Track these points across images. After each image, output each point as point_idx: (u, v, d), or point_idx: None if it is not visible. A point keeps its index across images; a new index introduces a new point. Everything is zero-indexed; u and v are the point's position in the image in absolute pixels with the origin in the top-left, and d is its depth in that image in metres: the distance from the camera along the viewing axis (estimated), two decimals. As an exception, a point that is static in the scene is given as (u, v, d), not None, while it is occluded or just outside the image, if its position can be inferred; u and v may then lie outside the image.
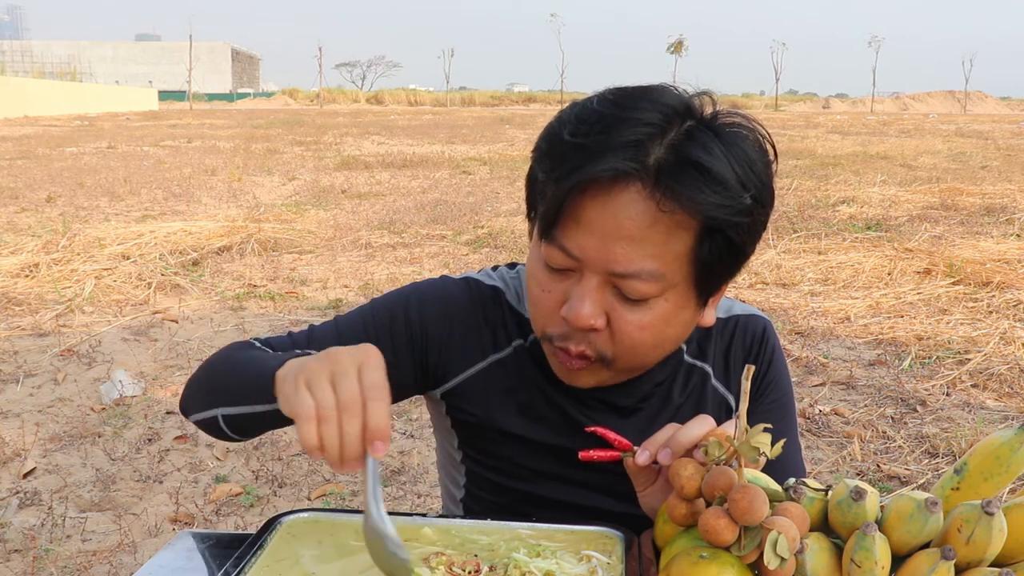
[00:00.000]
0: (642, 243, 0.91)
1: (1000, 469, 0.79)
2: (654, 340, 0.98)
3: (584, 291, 0.94)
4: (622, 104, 0.92)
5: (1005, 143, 19.89)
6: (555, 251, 0.94)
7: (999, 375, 4.13)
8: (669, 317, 0.97)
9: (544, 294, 0.98)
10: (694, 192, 0.88)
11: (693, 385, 1.15)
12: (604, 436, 0.97)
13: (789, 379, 1.23)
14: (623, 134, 0.89)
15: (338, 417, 0.79)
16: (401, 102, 77.46)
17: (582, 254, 0.92)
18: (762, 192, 0.93)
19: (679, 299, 0.96)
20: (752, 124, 0.95)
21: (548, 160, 0.95)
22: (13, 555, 2.60)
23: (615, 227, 0.90)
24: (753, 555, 0.77)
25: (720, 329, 1.17)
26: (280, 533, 0.92)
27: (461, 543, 0.91)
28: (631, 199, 0.90)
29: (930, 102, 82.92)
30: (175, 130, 23.72)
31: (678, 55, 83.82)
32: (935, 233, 7.58)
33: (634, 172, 0.89)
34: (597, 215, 0.91)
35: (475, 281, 1.17)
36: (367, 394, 0.80)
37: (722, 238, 0.92)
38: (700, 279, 0.96)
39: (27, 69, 63.88)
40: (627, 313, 0.95)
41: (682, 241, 0.92)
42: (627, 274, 0.92)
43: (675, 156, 0.89)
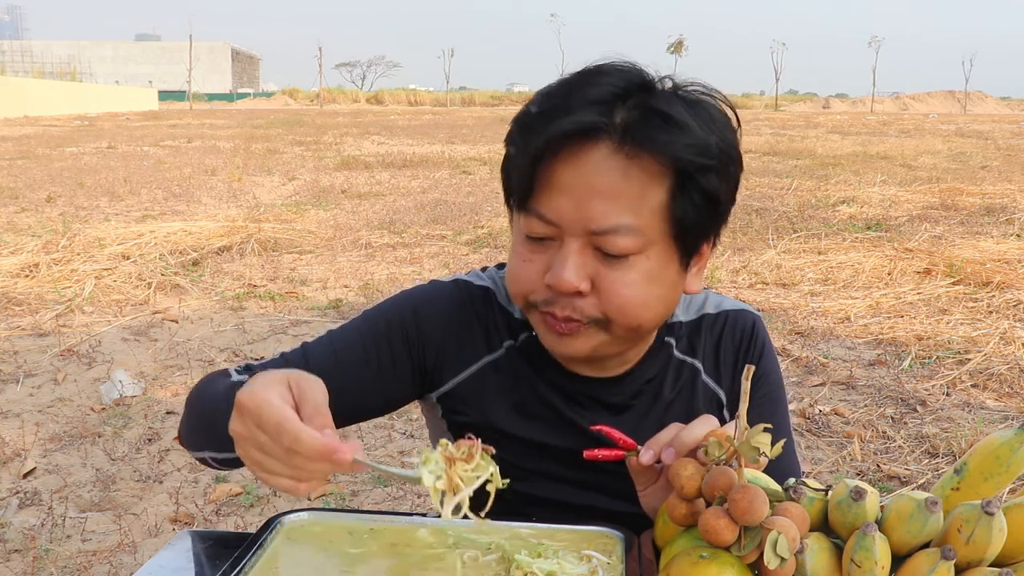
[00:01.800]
0: (617, 198, 0.92)
1: (1000, 469, 0.79)
2: (642, 298, 0.97)
3: (566, 255, 0.95)
4: (585, 74, 0.96)
5: (1005, 143, 19.90)
6: (533, 220, 0.96)
7: (999, 375, 4.13)
8: (653, 274, 0.97)
9: (526, 264, 0.99)
10: (659, 135, 0.91)
11: (684, 381, 1.16)
12: (608, 435, 0.97)
13: (780, 373, 1.24)
14: (589, 94, 0.93)
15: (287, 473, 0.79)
16: (401, 102, 77.45)
17: (559, 217, 0.94)
18: (727, 142, 0.96)
19: (661, 256, 0.97)
20: (713, 93, 0.98)
21: (518, 138, 0.97)
22: (13, 555, 2.60)
23: (588, 186, 0.92)
24: (753, 555, 0.77)
25: (710, 325, 1.18)
26: (280, 533, 0.92)
27: (460, 543, 0.91)
28: (601, 156, 0.92)
29: (930, 102, 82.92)
30: (175, 130, 23.72)
31: (678, 55, 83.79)
32: (935, 233, 7.58)
33: (602, 126, 0.91)
34: (570, 177, 0.93)
35: (465, 283, 1.17)
36: (285, 443, 0.77)
37: (695, 189, 0.94)
38: (679, 235, 0.97)
39: (27, 69, 63.89)
40: (611, 273, 0.95)
41: (656, 195, 0.93)
42: (605, 230, 0.93)
43: (640, 112, 0.92)
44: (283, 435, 0.77)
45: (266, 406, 0.79)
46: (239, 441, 0.81)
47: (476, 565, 0.86)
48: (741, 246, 7.16)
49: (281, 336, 4.77)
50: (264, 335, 4.78)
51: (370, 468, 0.82)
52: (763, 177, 11.94)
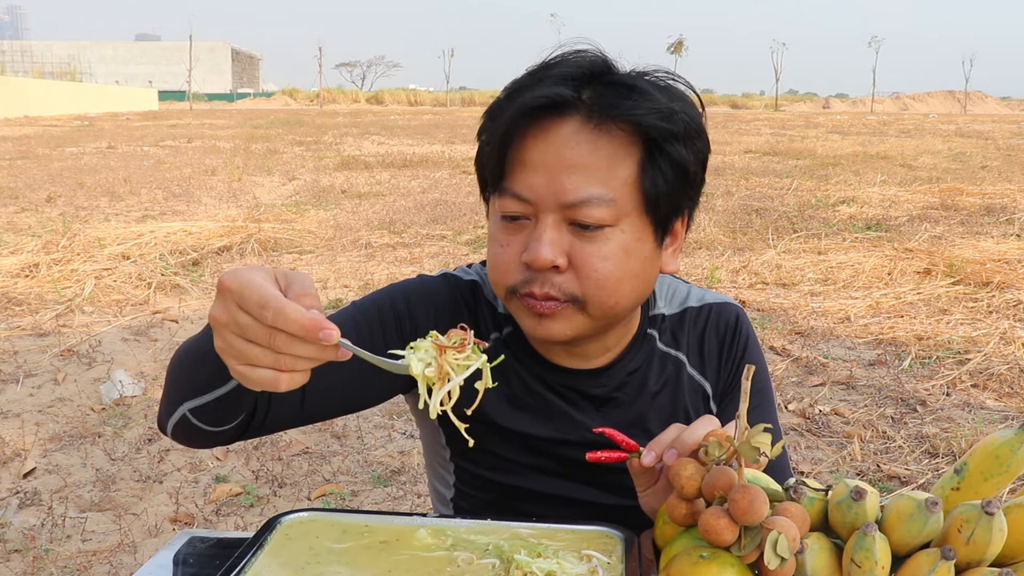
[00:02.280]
0: (588, 170, 0.95)
1: (1000, 469, 0.79)
2: (619, 272, 0.98)
3: (541, 232, 0.96)
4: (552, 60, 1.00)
5: (1005, 143, 19.89)
6: (507, 199, 0.98)
7: (999, 375, 4.13)
8: (629, 247, 0.98)
9: (504, 249, 1.00)
10: (625, 103, 0.95)
11: (668, 374, 1.16)
12: (611, 437, 0.98)
13: (765, 364, 1.24)
14: (554, 73, 0.97)
15: (267, 360, 0.75)
16: (401, 102, 77.45)
17: (532, 194, 0.96)
18: (691, 115, 0.99)
19: (635, 229, 0.99)
20: (676, 77, 1.02)
21: (490, 125, 1.00)
22: (13, 555, 2.60)
23: (559, 160, 0.95)
24: (753, 555, 0.77)
25: (693, 317, 1.19)
26: (279, 533, 0.92)
27: (459, 543, 0.91)
28: (570, 131, 0.95)
29: (930, 102, 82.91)
30: (175, 130, 23.72)
31: (678, 55, 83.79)
32: (935, 233, 7.57)
33: (570, 99, 0.95)
34: (540, 153, 0.95)
35: (453, 276, 1.18)
36: (267, 318, 0.73)
37: (664, 159, 0.97)
38: (651, 207, 0.99)
39: (27, 69, 63.90)
40: (587, 246, 0.97)
41: (626, 167, 0.96)
42: (578, 201, 0.95)
43: (604, 87, 0.96)
44: (266, 310, 0.72)
45: (249, 284, 0.74)
46: (218, 329, 0.76)
47: (476, 565, 0.86)
48: (741, 246, 7.16)
49: (281, 336, 4.76)
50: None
51: (355, 353, 0.76)
52: (763, 177, 11.94)
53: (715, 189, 10.66)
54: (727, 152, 16.61)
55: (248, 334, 0.75)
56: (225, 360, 0.78)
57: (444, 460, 1.21)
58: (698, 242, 7.28)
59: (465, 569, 0.85)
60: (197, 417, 0.96)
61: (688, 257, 6.76)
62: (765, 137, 21.64)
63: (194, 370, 0.94)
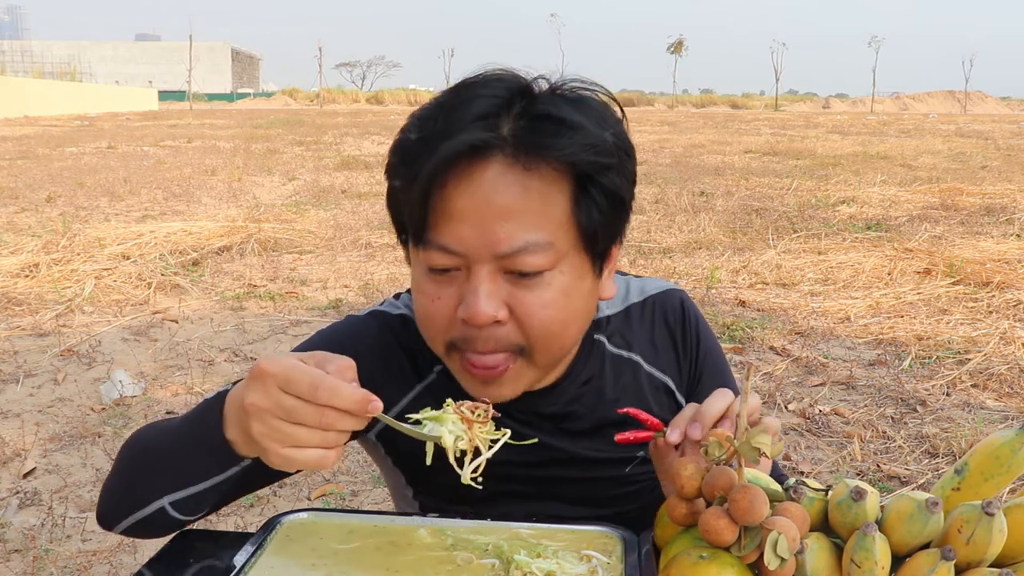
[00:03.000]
0: (520, 215, 0.88)
1: (1000, 469, 0.79)
2: (562, 317, 0.94)
3: (476, 285, 0.90)
4: (461, 90, 0.92)
5: (1005, 143, 19.89)
6: (434, 253, 0.90)
7: (999, 375, 4.13)
8: (569, 289, 0.93)
9: (435, 303, 0.93)
10: (554, 140, 0.87)
11: (625, 378, 1.13)
12: (636, 416, 0.97)
13: (718, 343, 1.23)
14: (471, 111, 0.88)
15: (315, 440, 0.78)
16: (401, 102, 77.44)
17: (462, 246, 0.89)
18: (621, 136, 0.93)
19: (574, 268, 0.94)
20: (594, 86, 0.96)
21: (400, 168, 0.92)
22: (13, 555, 2.60)
23: (488, 206, 0.87)
24: (753, 555, 0.77)
25: (639, 314, 1.16)
26: (280, 533, 0.92)
27: (458, 543, 0.91)
28: (496, 173, 0.87)
29: (930, 102, 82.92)
30: (175, 130, 23.72)
31: (678, 55, 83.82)
32: (935, 233, 7.57)
33: (492, 141, 0.87)
34: (467, 200, 0.87)
35: (381, 314, 1.12)
36: (321, 398, 0.77)
37: (597, 190, 0.90)
38: (588, 242, 0.93)
39: (27, 69, 63.89)
40: (527, 296, 0.91)
41: (559, 205, 0.90)
42: (515, 251, 0.88)
43: (526, 120, 0.88)
44: (320, 390, 0.76)
45: (294, 367, 0.78)
46: (258, 415, 0.78)
47: (475, 565, 0.86)
48: (741, 246, 7.16)
49: (281, 336, 4.77)
50: (264, 335, 4.78)
51: (390, 424, 0.83)
52: (763, 177, 11.94)
53: (715, 189, 10.66)
54: (727, 152, 16.62)
55: (295, 416, 0.77)
56: (265, 445, 0.79)
57: (408, 499, 1.19)
58: (698, 242, 7.28)
59: (465, 569, 0.85)
60: (178, 509, 0.93)
61: (688, 257, 6.76)
62: (765, 137, 21.65)
63: (186, 461, 0.90)
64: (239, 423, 0.84)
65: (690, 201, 9.51)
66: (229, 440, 0.86)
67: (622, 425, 1.12)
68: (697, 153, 16.39)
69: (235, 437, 0.86)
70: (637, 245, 7.07)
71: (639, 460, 1.15)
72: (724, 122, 32.14)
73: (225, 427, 0.86)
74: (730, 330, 4.79)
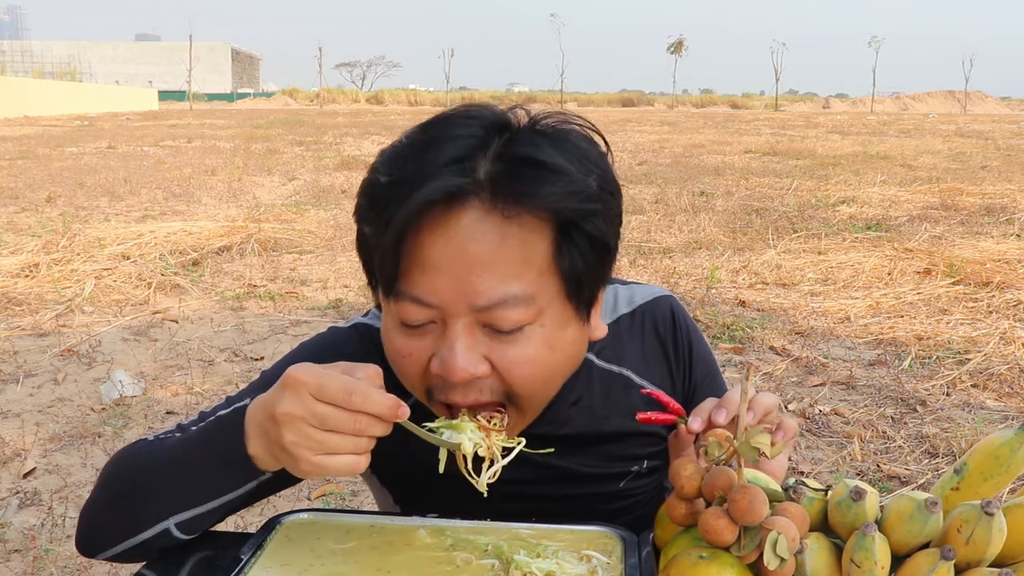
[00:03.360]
0: (499, 265, 0.82)
1: (1000, 469, 0.79)
2: (545, 372, 0.90)
3: (452, 340, 0.84)
4: (433, 129, 0.86)
5: (1005, 143, 19.89)
6: (407, 305, 0.85)
7: (999, 375, 4.13)
8: (553, 342, 0.88)
9: (408, 359, 0.88)
10: (536, 187, 0.81)
11: (615, 395, 1.09)
12: (658, 398, 0.98)
13: (709, 349, 1.21)
14: (444, 153, 0.82)
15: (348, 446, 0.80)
16: (401, 102, 77.48)
17: (437, 298, 0.83)
18: (605, 176, 0.87)
19: (556, 320, 0.88)
20: (575, 119, 0.90)
21: (371, 213, 0.86)
22: (13, 555, 2.60)
23: (464, 256, 0.81)
24: (753, 555, 0.77)
25: (628, 326, 1.13)
26: (280, 533, 0.92)
27: (458, 543, 0.91)
28: (473, 220, 0.81)
29: (930, 102, 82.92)
30: (175, 130, 23.72)
31: (678, 55, 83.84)
32: (935, 233, 7.57)
33: (467, 187, 0.81)
34: (441, 249, 0.82)
35: (365, 326, 1.09)
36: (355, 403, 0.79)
37: (580, 236, 0.85)
38: (572, 291, 0.88)
39: (27, 69, 63.87)
40: (508, 350, 0.86)
41: (540, 252, 0.84)
42: (492, 304, 0.83)
43: (505, 162, 0.82)
44: (354, 396, 0.78)
45: (326, 375, 0.79)
46: (290, 423, 0.79)
47: (475, 565, 0.86)
48: (741, 246, 7.16)
49: (281, 336, 4.77)
50: (264, 335, 4.78)
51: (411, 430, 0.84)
52: (763, 177, 11.94)
53: (715, 189, 10.66)
54: (727, 152, 16.62)
55: (328, 423, 0.78)
56: (298, 453, 0.79)
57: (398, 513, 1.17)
58: (698, 242, 7.28)
59: (464, 569, 0.85)
60: (183, 529, 0.91)
61: (688, 257, 6.76)
62: (765, 137, 21.65)
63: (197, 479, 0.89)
64: (265, 435, 0.84)
65: (690, 201, 9.51)
66: (251, 455, 0.86)
67: (615, 440, 1.11)
68: (697, 153, 16.39)
69: (257, 451, 0.86)
70: (637, 245, 7.07)
71: (633, 475, 1.14)
72: (724, 122, 32.14)
73: (247, 442, 0.86)
74: (730, 330, 4.79)
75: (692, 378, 1.16)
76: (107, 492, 0.96)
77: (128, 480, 0.95)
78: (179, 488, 0.90)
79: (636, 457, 1.13)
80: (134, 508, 0.92)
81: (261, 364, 4.29)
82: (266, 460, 0.86)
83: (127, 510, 0.92)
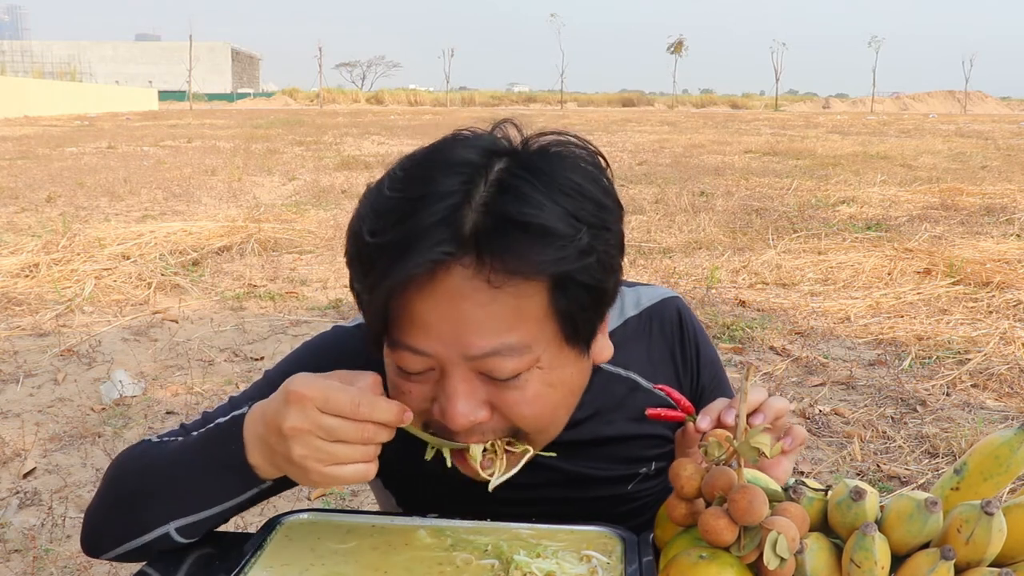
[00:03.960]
0: (491, 321, 0.81)
1: (1000, 469, 0.79)
2: (548, 409, 0.89)
3: (452, 389, 0.84)
4: (414, 181, 0.82)
5: (1005, 143, 19.89)
6: (404, 354, 0.84)
7: (999, 375, 4.13)
8: (553, 381, 0.87)
9: (408, 397, 0.88)
10: (523, 252, 0.78)
11: (621, 397, 1.09)
12: (669, 395, 0.98)
13: (716, 351, 1.21)
14: (425, 217, 0.79)
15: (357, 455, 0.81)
16: (401, 102, 77.48)
17: (432, 349, 0.82)
18: (600, 216, 0.83)
19: (555, 360, 0.87)
20: (567, 138, 0.87)
21: (358, 266, 0.85)
22: (13, 555, 2.60)
23: (454, 314, 0.80)
24: (753, 555, 0.77)
25: (634, 329, 1.12)
26: (280, 534, 0.92)
27: (458, 543, 0.91)
28: (459, 282, 0.79)
29: (930, 102, 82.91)
30: (175, 130, 23.72)
31: (678, 55, 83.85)
32: (935, 233, 7.57)
33: (454, 253, 0.78)
34: (430, 310, 0.80)
35: None
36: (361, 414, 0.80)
37: (575, 286, 0.83)
38: (569, 333, 0.86)
39: (27, 69, 63.87)
40: (507, 394, 0.85)
41: (535, 303, 0.82)
42: (487, 354, 0.82)
43: (492, 219, 0.79)
44: (361, 406, 0.79)
45: (330, 387, 0.81)
46: (299, 437, 0.80)
47: (475, 565, 0.86)
48: (741, 246, 7.16)
49: (281, 336, 4.77)
50: (264, 335, 4.78)
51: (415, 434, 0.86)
52: (763, 177, 11.95)
53: (715, 189, 10.66)
54: (727, 152, 16.62)
55: (336, 434, 0.80)
56: (308, 466, 0.81)
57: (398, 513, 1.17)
58: (698, 242, 7.28)
59: (464, 569, 0.85)
60: (183, 533, 0.91)
61: (688, 257, 6.76)
62: (765, 137, 21.64)
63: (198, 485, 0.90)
64: (268, 447, 0.85)
65: (690, 201, 9.51)
66: (251, 464, 0.87)
67: (622, 442, 1.11)
68: (697, 153, 16.39)
69: (258, 461, 0.87)
70: (637, 245, 7.07)
71: (641, 477, 1.13)
72: (724, 122, 32.14)
73: (247, 452, 0.87)
74: (730, 330, 4.79)
75: (699, 380, 1.16)
76: (109, 494, 0.97)
77: (130, 483, 0.95)
78: (179, 493, 0.91)
79: (644, 459, 1.13)
80: (135, 511, 0.93)
81: (261, 364, 4.29)
82: (267, 469, 0.87)
83: (128, 513, 0.93)
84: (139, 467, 0.96)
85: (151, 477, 0.94)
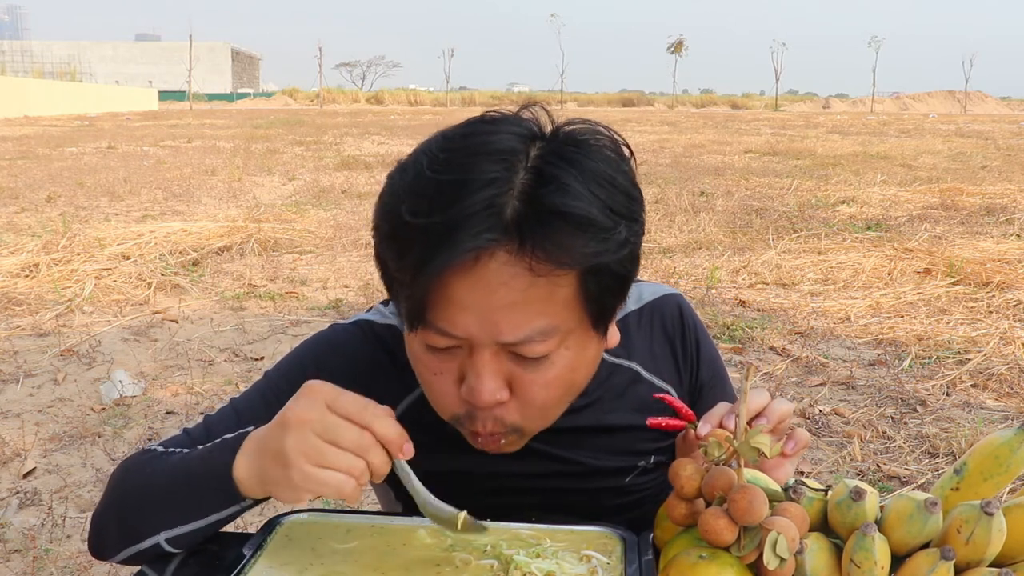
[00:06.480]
0: (525, 306, 0.83)
1: (1000, 469, 0.79)
2: (562, 392, 0.92)
3: (479, 367, 0.86)
4: (456, 165, 0.83)
5: (1005, 143, 19.89)
6: (434, 334, 0.86)
7: (999, 375, 4.13)
8: (574, 363, 0.91)
9: (437, 377, 0.90)
10: (566, 242, 0.81)
11: (622, 387, 1.11)
12: (670, 403, 0.98)
13: (716, 348, 1.22)
14: (469, 203, 0.79)
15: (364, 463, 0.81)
16: (401, 102, 77.48)
17: (463, 332, 0.84)
18: (632, 209, 0.86)
19: (579, 342, 0.90)
20: (596, 127, 0.90)
21: (394, 245, 0.85)
22: (13, 555, 2.60)
23: (491, 300, 0.82)
24: (753, 555, 0.77)
25: (637, 322, 1.14)
26: (280, 534, 0.92)
27: (457, 544, 0.91)
28: (500, 267, 0.81)
29: (930, 102, 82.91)
30: (175, 130, 23.72)
31: (678, 55, 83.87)
32: (935, 233, 7.57)
33: (498, 240, 0.80)
34: (468, 292, 0.82)
35: (368, 323, 1.09)
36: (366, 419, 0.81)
37: (606, 274, 0.86)
38: (594, 315, 0.89)
39: (27, 69, 63.85)
40: (530, 374, 0.88)
41: (565, 290, 0.84)
42: (519, 340, 0.84)
43: (533, 207, 0.81)
44: (368, 407, 0.81)
45: (346, 392, 0.83)
46: (298, 426, 0.81)
47: (474, 565, 0.86)
48: (741, 246, 7.16)
49: (281, 336, 4.77)
50: (264, 335, 4.78)
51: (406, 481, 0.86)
52: (763, 177, 11.94)
53: (715, 189, 10.66)
54: (727, 152, 16.62)
55: (331, 434, 0.80)
56: (294, 459, 0.81)
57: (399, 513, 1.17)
58: (698, 242, 7.28)
59: (464, 569, 0.85)
60: (173, 544, 0.93)
61: (688, 257, 6.76)
62: (765, 137, 21.64)
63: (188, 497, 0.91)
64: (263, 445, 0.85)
65: (690, 201, 9.51)
66: (235, 479, 0.88)
67: (621, 432, 1.11)
68: (697, 153, 16.39)
69: (242, 475, 0.87)
70: (637, 245, 7.06)
71: (639, 470, 1.14)
72: (724, 122, 32.15)
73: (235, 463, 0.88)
74: (730, 330, 4.79)
75: (699, 377, 1.17)
76: (110, 501, 0.99)
77: (128, 492, 0.98)
78: (170, 505, 0.93)
79: (642, 452, 1.13)
80: (131, 519, 0.95)
81: (261, 364, 4.29)
82: (250, 485, 0.88)
83: (126, 521, 0.95)
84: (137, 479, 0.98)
85: (148, 488, 0.96)
